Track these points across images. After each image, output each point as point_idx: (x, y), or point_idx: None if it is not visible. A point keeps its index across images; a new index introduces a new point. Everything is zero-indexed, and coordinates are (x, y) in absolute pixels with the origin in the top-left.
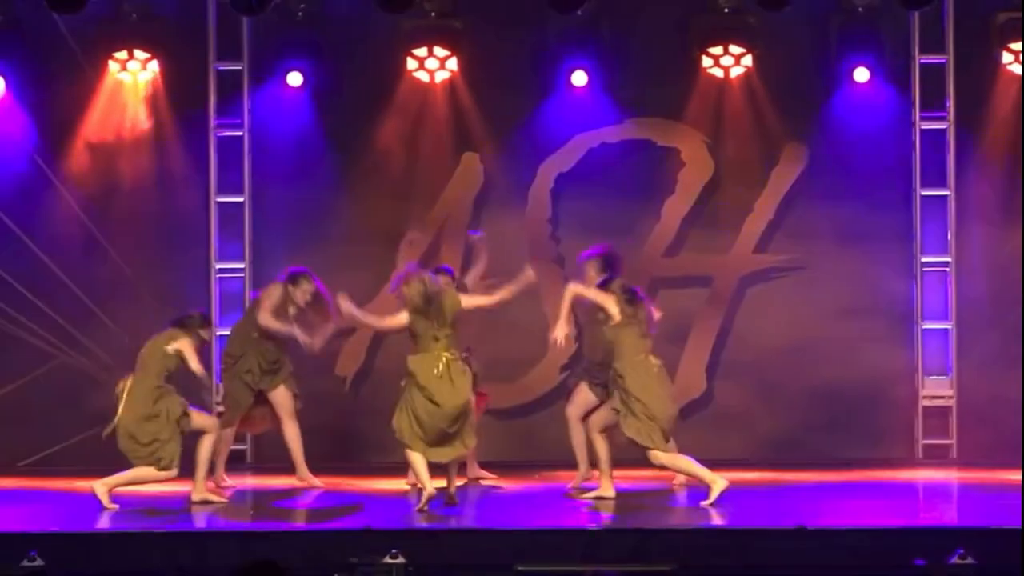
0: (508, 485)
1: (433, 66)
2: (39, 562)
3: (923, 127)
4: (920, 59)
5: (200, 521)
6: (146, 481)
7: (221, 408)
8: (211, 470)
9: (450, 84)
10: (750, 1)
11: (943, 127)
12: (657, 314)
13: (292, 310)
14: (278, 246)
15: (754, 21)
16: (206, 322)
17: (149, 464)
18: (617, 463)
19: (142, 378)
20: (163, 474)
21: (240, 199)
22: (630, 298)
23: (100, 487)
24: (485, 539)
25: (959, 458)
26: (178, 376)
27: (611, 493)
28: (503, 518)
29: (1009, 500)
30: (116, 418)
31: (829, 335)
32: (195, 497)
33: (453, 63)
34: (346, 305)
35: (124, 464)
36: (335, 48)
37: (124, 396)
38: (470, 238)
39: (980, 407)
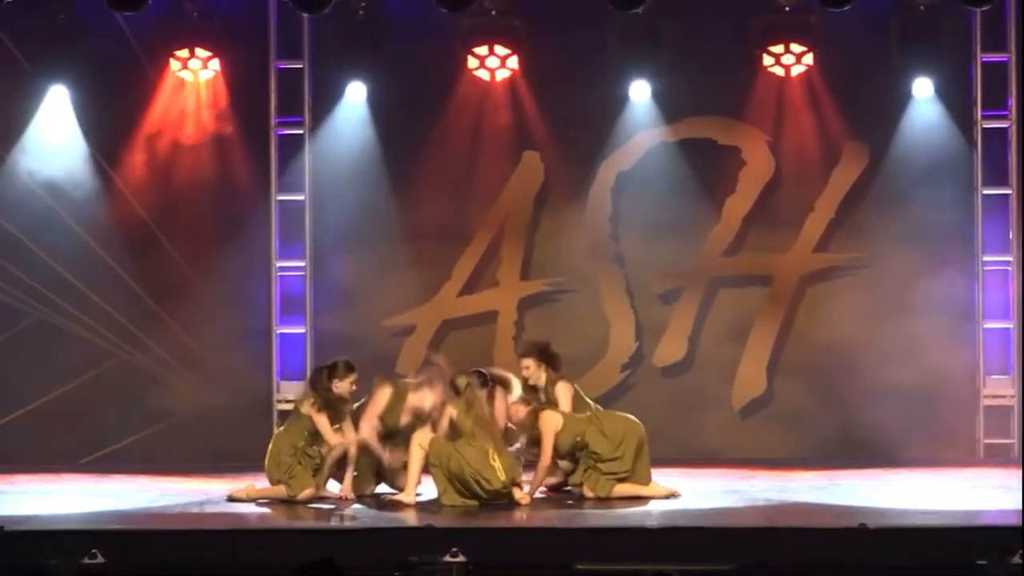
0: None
1: (494, 64)
2: (100, 559)
3: (985, 125)
4: (982, 57)
5: (260, 519)
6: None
7: None
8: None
9: (511, 82)
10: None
11: (1005, 125)
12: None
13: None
14: (339, 244)
15: (815, 19)
16: (348, 370)
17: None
18: (677, 462)
19: (285, 432)
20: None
21: (301, 197)
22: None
23: (242, 493)
24: (545, 538)
25: (1021, 457)
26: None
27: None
28: (563, 517)
29: None
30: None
31: (890, 334)
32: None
33: (514, 61)
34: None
35: (179, 460)
36: (396, 46)
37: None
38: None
39: None
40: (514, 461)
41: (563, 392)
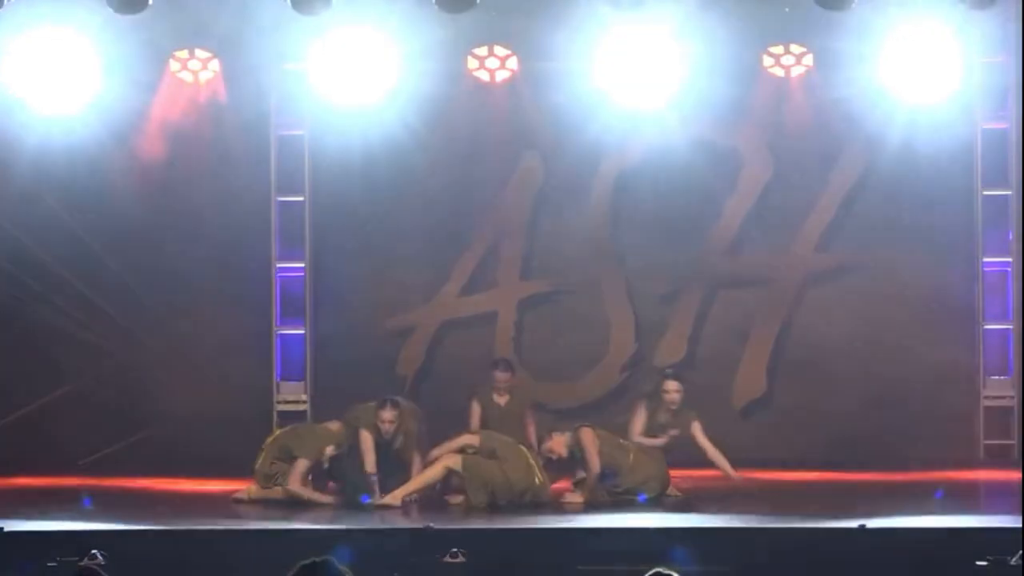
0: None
1: (493, 65)
2: (100, 559)
3: (985, 127)
4: (983, 59)
5: (258, 519)
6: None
7: None
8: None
9: (510, 83)
10: (812, 1)
11: (1005, 127)
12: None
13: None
14: (339, 245)
15: (815, 21)
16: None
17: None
18: (676, 462)
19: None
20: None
21: (301, 198)
22: None
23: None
24: (545, 538)
25: (1020, 458)
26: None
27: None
28: (564, 519)
29: None
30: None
31: (889, 335)
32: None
33: (513, 62)
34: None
35: (179, 461)
36: (396, 47)
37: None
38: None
39: None
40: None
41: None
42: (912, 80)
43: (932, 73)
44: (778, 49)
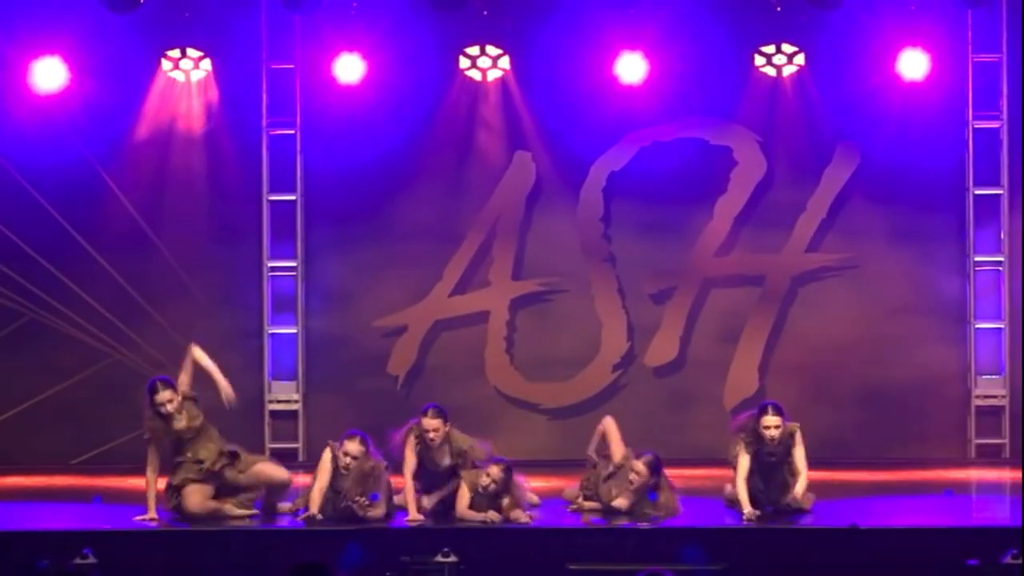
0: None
1: (485, 64)
2: (92, 560)
3: (977, 126)
4: (974, 58)
5: (254, 521)
6: None
7: None
8: None
9: (502, 82)
10: (803, 0)
11: (997, 126)
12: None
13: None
14: (330, 245)
15: (806, 20)
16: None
17: None
18: (668, 462)
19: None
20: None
21: (292, 197)
22: None
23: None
24: (537, 538)
25: (1012, 457)
26: None
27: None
28: (555, 517)
29: None
30: None
31: (881, 334)
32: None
33: (505, 62)
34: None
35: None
36: (387, 47)
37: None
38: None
39: None
40: None
41: None
42: (903, 79)
43: (923, 72)
44: (770, 49)
